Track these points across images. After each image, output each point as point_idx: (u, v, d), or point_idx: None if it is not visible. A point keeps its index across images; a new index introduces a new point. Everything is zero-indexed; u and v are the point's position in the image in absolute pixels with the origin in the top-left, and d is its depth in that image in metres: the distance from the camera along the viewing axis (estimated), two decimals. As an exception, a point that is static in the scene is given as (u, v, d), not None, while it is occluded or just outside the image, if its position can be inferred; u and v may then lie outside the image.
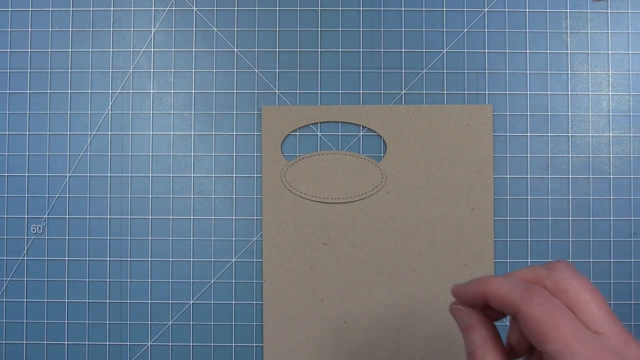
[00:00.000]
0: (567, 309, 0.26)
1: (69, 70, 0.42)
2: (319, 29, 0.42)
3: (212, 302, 0.41)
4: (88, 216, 0.41)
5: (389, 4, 0.42)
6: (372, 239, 0.41)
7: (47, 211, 0.42)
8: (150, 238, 0.41)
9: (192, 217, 0.42)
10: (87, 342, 0.41)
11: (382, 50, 0.42)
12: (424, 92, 0.42)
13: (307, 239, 0.41)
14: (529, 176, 0.42)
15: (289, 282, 0.41)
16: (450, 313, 0.30)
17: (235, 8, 0.42)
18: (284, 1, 0.42)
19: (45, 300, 0.41)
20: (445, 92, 0.42)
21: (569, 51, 0.42)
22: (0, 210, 0.42)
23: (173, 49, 0.42)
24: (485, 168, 0.41)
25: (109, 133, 0.42)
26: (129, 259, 0.41)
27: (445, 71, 0.42)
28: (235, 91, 0.42)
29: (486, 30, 0.42)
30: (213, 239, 0.42)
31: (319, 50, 0.42)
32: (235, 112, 0.42)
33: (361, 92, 0.42)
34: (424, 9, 0.42)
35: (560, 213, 0.42)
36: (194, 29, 0.42)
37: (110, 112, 0.42)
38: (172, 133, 0.42)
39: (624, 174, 0.42)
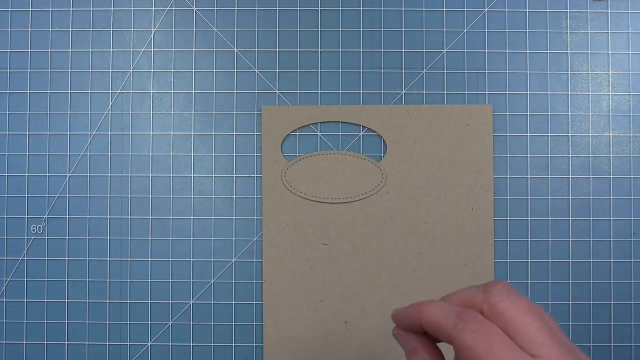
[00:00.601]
0: (503, 334, 0.24)
1: (69, 70, 0.42)
2: (319, 29, 0.42)
3: (212, 302, 0.41)
4: (88, 216, 0.41)
5: (389, 4, 0.42)
6: (372, 239, 0.41)
7: (47, 211, 0.42)
8: (150, 238, 0.41)
9: (192, 217, 0.42)
10: (87, 342, 0.41)
11: (382, 50, 0.42)
12: (424, 92, 0.42)
13: (307, 239, 0.41)
14: (529, 176, 0.42)
15: (289, 282, 0.41)
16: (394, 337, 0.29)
17: (235, 8, 0.42)
18: (284, 1, 0.42)
19: (45, 300, 0.41)
20: (445, 92, 0.42)
21: (569, 51, 0.42)
22: (0, 210, 0.42)
23: (173, 49, 0.42)
24: (485, 168, 0.41)
25: (109, 133, 0.42)
26: (129, 259, 0.41)
27: (445, 71, 0.42)
28: (235, 91, 0.42)
29: (486, 30, 0.42)
30: (213, 239, 0.42)
31: (319, 50, 0.42)
32: (235, 112, 0.42)
33: (361, 92, 0.42)
34: (424, 9, 0.42)
35: (560, 213, 0.42)
36: (194, 29, 0.42)
37: (110, 112, 0.42)
38: (172, 133, 0.42)
39: (624, 174, 0.42)
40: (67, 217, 0.41)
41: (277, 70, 0.42)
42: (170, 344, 0.41)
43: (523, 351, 0.24)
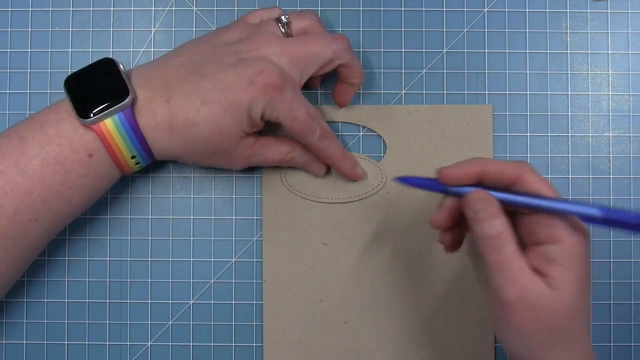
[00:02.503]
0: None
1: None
2: (319, 29, 0.42)
3: (212, 302, 0.41)
4: (88, 216, 0.41)
5: (389, 4, 0.42)
6: (372, 239, 0.41)
7: (47, 211, 0.41)
8: (150, 238, 0.41)
9: (192, 217, 0.42)
10: (87, 342, 0.41)
11: (382, 50, 0.42)
12: (424, 92, 0.42)
13: (307, 239, 0.41)
14: (529, 176, 0.42)
15: (289, 282, 0.41)
16: (462, 202, 0.32)
17: (236, 8, 0.42)
18: (284, 1, 0.42)
19: (45, 300, 0.41)
20: (445, 92, 0.42)
21: (568, 51, 0.42)
22: (0, 210, 0.42)
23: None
24: (485, 168, 0.41)
25: (109, 133, 0.42)
26: (129, 259, 0.41)
27: (445, 71, 0.42)
28: (235, 91, 0.42)
29: (486, 30, 0.42)
30: (213, 239, 0.42)
31: (319, 50, 0.41)
32: (235, 112, 0.42)
33: (361, 92, 0.42)
34: (424, 9, 0.42)
35: (560, 213, 0.42)
36: (194, 29, 0.42)
37: (110, 112, 0.42)
38: (172, 133, 0.42)
39: (624, 174, 0.42)
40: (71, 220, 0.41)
41: (277, 70, 0.42)
42: (170, 344, 0.41)
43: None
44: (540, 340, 0.30)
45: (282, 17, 0.37)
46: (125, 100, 0.33)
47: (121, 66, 0.34)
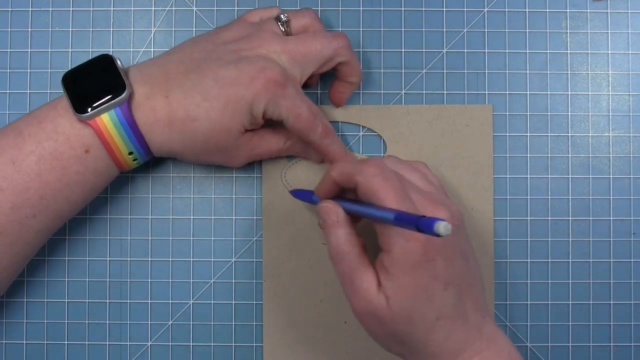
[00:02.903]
0: (397, 178, 0.32)
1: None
2: (319, 29, 0.42)
3: (212, 302, 0.41)
4: (88, 216, 0.41)
5: (389, 4, 0.42)
6: (371, 239, 0.41)
7: (47, 211, 0.41)
8: (150, 238, 0.41)
9: (192, 217, 0.42)
10: (87, 342, 0.41)
11: (382, 50, 0.42)
12: (424, 92, 0.42)
13: (307, 239, 0.41)
14: (528, 176, 0.42)
15: (289, 282, 0.41)
16: (317, 214, 0.34)
17: (236, 8, 0.42)
18: (284, 1, 0.42)
19: (46, 300, 0.41)
20: (445, 92, 0.42)
21: (568, 51, 0.42)
22: (0, 210, 0.42)
23: (173, 49, 0.42)
24: (485, 168, 0.41)
25: (109, 133, 0.42)
26: (129, 259, 0.41)
27: (445, 71, 0.42)
28: (235, 91, 0.42)
29: (486, 30, 0.42)
30: (213, 239, 0.42)
31: (319, 50, 0.41)
32: (235, 112, 0.42)
33: (361, 92, 0.42)
34: (424, 9, 0.42)
35: (560, 213, 0.42)
36: (194, 28, 0.42)
37: (110, 112, 0.42)
38: (172, 133, 0.42)
39: (624, 174, 0.42)
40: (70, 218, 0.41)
41: (277, 70, 0.42)
42: (170, 344, 0.41)
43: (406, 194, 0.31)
44: (390, 341, 0.33)
45: (282, 16, 0.37)
46: (122, 96, 0.33)
47: (119, 62, 0.34)
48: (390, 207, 0.30)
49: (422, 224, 0.26)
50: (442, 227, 0.25)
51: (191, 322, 0.41)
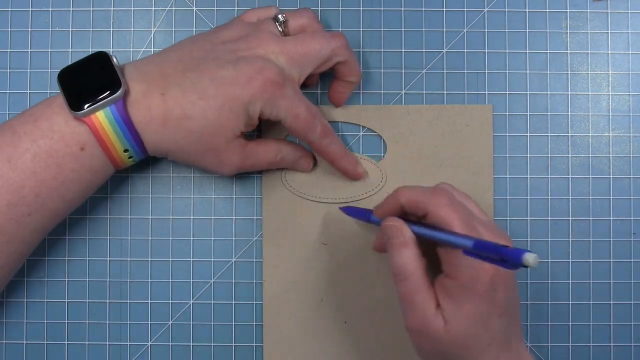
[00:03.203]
0: (465, 207, 0.33)
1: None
2: (319, 29, 0.42)
3: (212, 302, 0.41)
4: (88, 216, 0.41)
5: (389, 4, 0.42)
6: (372, 239, 0.41)
7: (47, 211, 0.41)
8: (150, 238, 0.41)
9: (192, 217, 0.42)
10: (87, 342, 0.41)
11: (382, 50, 0.42)
12: (424, 92, 0.42)
13: (307, 239, 0.41)
14: (528, 176, 0.42)
15: (289, 282, 0.41)
16: (381, 230, 0.35)
17: (235, 8, 0.42)
18: (284, 1, 0.42)
19: (46, 300, 0.41)
20: (445, 92, 0.42)
21: (568, 51, 0.42)
22: None
23: (173, 49, 0.42)
24: (485, 168, 0.41)
25: (109, 133, 0.42)
26: (129, 259, 0.41)
27: (445, 71, 0.42)
28: (235, 91, 0.42)
29: (486, 30, 0.42)
30: (213, 239, 0.42)
31: (319, 50, 0.41)
32: (235, 112, 0.41)
33: (361, 92, 0.42)
34: (424, 9, 0.42)
35: (560, 213, 0.42)
36: (194, 28, 0.42)
37: (110, 112, 0.42)
38: (172, 133, 0.42)
39: (624, 174, 0.42)
40: (67, 217, 0.41)
41: (277, 70, 0.42)
42: (170, 344, 0.41)
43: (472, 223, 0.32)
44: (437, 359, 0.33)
45: (279, 16, 0.37)
46: (117, 93, 0.33)
47: (115, 60, 0.34)
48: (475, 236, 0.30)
49: (509, 254, 0.26)
50: (532, 259, 0.25)
51: (191, 322, 0.41)
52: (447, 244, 0.31)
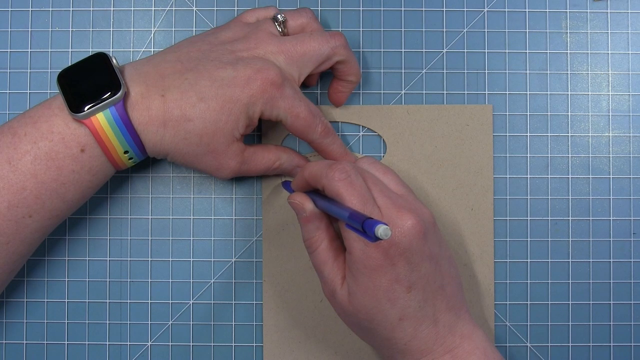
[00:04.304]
0: (363, 183, 0.33)
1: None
2: (319, 29, 0.42)
3: (212, 302, 0.41)
4: (88, 216, 0.41)
5: (389, 4, 0.42)
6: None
7: (47, 211, 0.41)
8: (150, 238, 0.42)
9: (192, 217, 0.42)
10: (87, 342, 0.41)
11: (382, 50, 0.42)
12: (424, 92, 0.42)
13: (307, 239, 0.41)
14: (528, 176, 0.42)
15: (289, 282, 0.41)
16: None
17: (235, 8, 0.42)
18: (284, 1, 0.42)
19: (45, 300, 0.41)
20: (445, 92, 0.42)
21: (568, 51, 0.42)
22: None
23: (173, 49, 0.42)
24: (485, 168, 0.41)
25: (109, 133, 0.42)
26: (129, 259, 0.41)
27: (445, 71, 0.42)
28: (235, 91, 0.42)
29: (486, 30, 0.42)
30: (213, 239, 0.42)
31: (319, 50, 0.41)
32: (235, 112, 0.41)
33: (361, 92, 0.42)
34: (424, 9, 0.42)
35: (560, 213, 0.42)
36: (194, 28, 0.42)
37: (110, 112, 0.42)
38: (172, 133, 0.42)
39: (624, 174, 0.42)
40: (67, 217, 0.41)
41: (277, 70, 0.42)
42: (170, 344, 0.41)
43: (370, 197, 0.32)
44: (358, 332, 0.35)
45: (278, 16, 0.37)
46: (117, 95, 0.32)
47: (114, 61, 0.34)
48: (352, 208, 0.31)
49: (367, 226, 0.27)
50: (381, 230, 0.26)
51: (191, 322, 0.41)
52: (335, 216, 0.32)
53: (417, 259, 0.32)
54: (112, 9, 0.42)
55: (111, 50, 0.42)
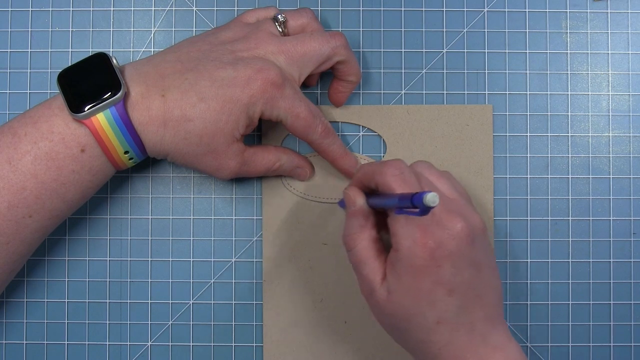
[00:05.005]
0: (416, 182, 0.32)
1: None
2: (319, 29, 0.42)
3: (212, 302, 0.41)
4: (88, 216, 0.41)
5: (389, 4, 0.42)
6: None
7: (47, 211, 0.41)
8: (150, 238, 0.42)
9: (192, 217, 0.42)
10: (87, 342, 0.41)
11: (382, 50, 0.42)
12: (424, 92, 0.42)
13: (307, 239, 0.41)
14: (528, 176, 0.42)
15: (289, 282, 0.41)
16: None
17: (235, 8, 0.42)
18: (284, 1, 0.42)
19: (45, 300, 0.41)
20: (445, 92, 0.42)
21: (568, 51, 0.42)
22: None
23: (173, 49, 0.42)
24: (485, 168, 0.41)
25: (109, 133, 0.42)
26: (129, 259, 0.41)
27: (445, 71, 0.42)
28: (235, 91, 0.42)
29: (486, 30, 0.42)
30: (213, 239, 0.42)
31: (319, 50, 0.41)
32: (235, 112, 0.41)
33: (361, 92, 0.42)
34: (424, 9, 0.42)
35: (560, 213, 0.42)
36: (194, 29, 0.42)
37: (110, 112, 0.42)
38: (172, 133, 0.42)
39: (624, 174, 0.42)
40: (67, 217, 0.41)
41: (277, 70, 0.42)
42: (170, 344, 0.41)
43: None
44: (393, 333, 0.34)
45: (279, 16, 0.37)
46: (117, 95, 0.32)
47: (114, 61, 0.34)
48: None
49: (416, 199, 0.27)
50: (429, 196, 0.26)
51: (191, 322, 0.41)
52: (386, 207, 0.32)
53: (461, 264, 0.31)
54: (112, 9, 0.42)
55: (111, 50, 0.42)
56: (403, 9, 0.42)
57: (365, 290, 0.34)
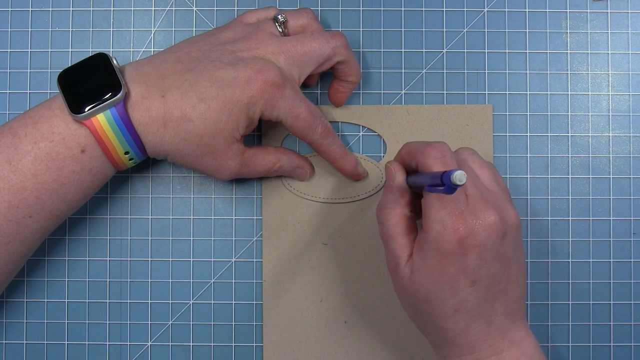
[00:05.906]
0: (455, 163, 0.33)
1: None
2: (319, 29, 0.42)
3: (212, 302, 0.41)
4: (88, 216, 0.41)
5: (389, 4, 0.42)
6: (372, 239, 0.41)
7: (47, 211, 0.41)
8: (150, 238, 0.42)
9: (192, 217, 0.42)
10: (87, 342, 0.41)
11: (382, 50, 0.42)
12: (424, 92, 0.42)
13: (307, 239, 0.41)
14: (528, 176, 0.42)
15: (289, 282, 0.41)
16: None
17: (235, 8, 0.42)
18: (284, 2, 0.42)
19: (45, 300, 0.41)
20: (445, 92, 0.42)
21: (568, 51, 0.42)
22: (0, 210, 0.42)
23: (173, 49, 0.42)
24: (485, 168, 0.41)
25: (109, 133, 0.42)
26: (129, 259, 0.41)
27: (445, 71, 0.42)
28: (235, 91, 0.42)
29: (486, 30, 0.42)
30: (213, 239, 0.42)
31: (319, 50, 0.41)
32: (235, 112, 0.41)
33: (361, 92, 0.42)
34: (424, 9, 0.42)
35: (560, 213, 0.42)
36: (194, 28, 0.42)
37: (110, 112, 0.42)
38: (172, 133, 0.42)
39: (624, 174, 0.42)
40: (68, 217, 0.41)
41: (277, 70, 0.42)
42: (170, 344, 0.41)
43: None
44: (411, 312, 0.34)
45: (279, 16, 0.37)
46: (118, 96, 0.32)
47: (114, 61, 0.34)
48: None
49: (445, 177, 0.27)
50: (457, 174, 0.27)
51: (191, 322, 0.41)
52: (420, 185, 0.32)
53: (489, 256, 0.31)
54: (112, 9, 0.42)
55: (111, 50, 0.42)
56: (403, 9, 0.42)
57: (391, 265, 0.34)
